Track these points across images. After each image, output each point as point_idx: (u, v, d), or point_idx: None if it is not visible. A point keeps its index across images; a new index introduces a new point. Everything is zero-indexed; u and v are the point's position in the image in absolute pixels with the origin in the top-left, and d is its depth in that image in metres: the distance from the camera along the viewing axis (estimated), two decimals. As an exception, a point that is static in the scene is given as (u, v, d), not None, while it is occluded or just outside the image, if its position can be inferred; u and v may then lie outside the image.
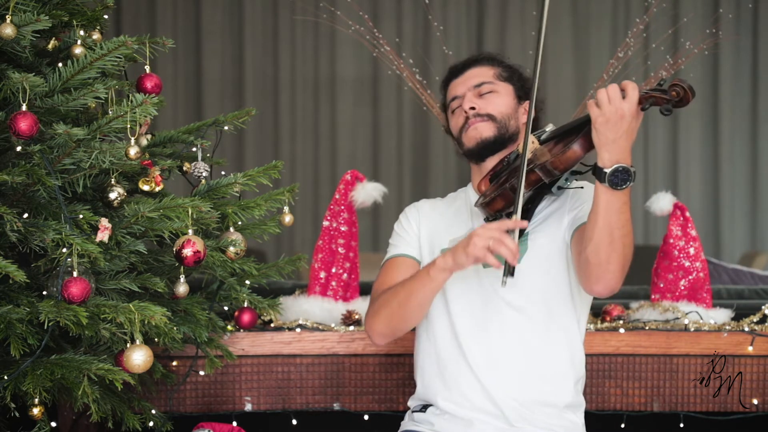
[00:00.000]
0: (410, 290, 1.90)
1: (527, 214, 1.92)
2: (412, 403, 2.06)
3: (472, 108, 2.04)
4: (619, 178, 1.70)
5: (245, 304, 2.29)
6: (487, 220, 1.93)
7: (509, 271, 1.72)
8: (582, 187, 1.94)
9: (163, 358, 2.32)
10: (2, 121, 1.71)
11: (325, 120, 6.57)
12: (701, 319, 2.51)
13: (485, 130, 2.03)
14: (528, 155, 1.83)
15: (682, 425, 2.49)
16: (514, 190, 1.83)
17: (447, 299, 1.98)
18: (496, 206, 1.88)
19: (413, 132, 6.57)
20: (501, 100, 2.06)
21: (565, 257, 1.94)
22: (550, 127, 1.95)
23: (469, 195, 2.13)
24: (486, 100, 2.05)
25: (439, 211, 2.13)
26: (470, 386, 1.93)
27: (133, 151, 1.73)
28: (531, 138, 1.86)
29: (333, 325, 2.50)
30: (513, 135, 2.06)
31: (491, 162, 2.06)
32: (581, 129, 1.79)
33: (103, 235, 1.71)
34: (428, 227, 2.10)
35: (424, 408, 2.00)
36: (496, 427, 1.91)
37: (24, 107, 1.66)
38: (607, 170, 1.70)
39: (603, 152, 1.71)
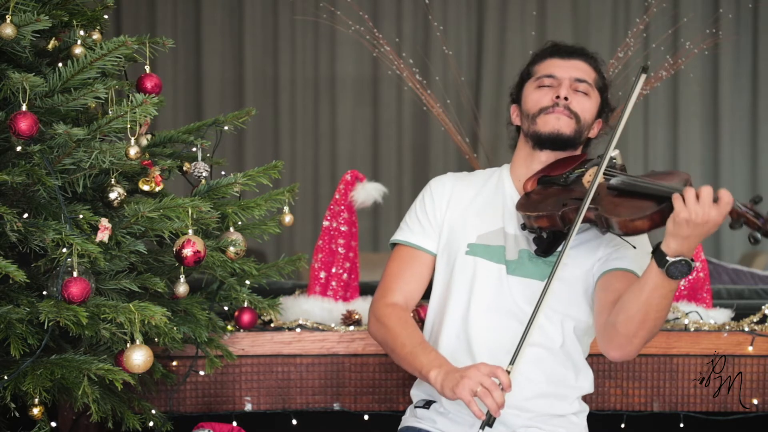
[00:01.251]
0: (401, 357, 1.89)
1: (557, 242, 1.89)
2: (415, 394, 2.03)
3: (566, 98, 1.96)
4: (678, 271, 1.67)
5: (245, 304, 2.29)
6: (524, 228, 1.90)
7: (489, 422, 1.71)
8: (635, 247, 1.88)
9: (163, 358, 2.32)
10: (2, 121, 1.72)
11: (325, 120, 6.56)
12: (701, 319, 2.51)
13: (565, 126, 1.95)
14: (592, 192, 1.78)
15: (682, 425, 2.50)
16: (564, 219, 1.80)
17: (468, 304, 1.94)
18: (540, 223, 1.84)
19: (413, 132, 6.57)
20: (590, 106, 1.99)
21: (588, 288, 1.91)
22: (617, 156, 1.87)
23: (504, 184, 2.03)
24: (579, 99, 1.98)
25: (469, 196, 2.04)
26: None
27: (133, 151, 1.73)
28: (600, 176, 1.79)
29: (333, 325, 2.49)
30: (582, 143, 2.01)
31: (545, 156, 1.99)
32: (659, 202, 1.71)
33: (103, 235, 1.71)
34: (455, 213, 2.01)
35: (427, 404, 1.99)
36: (499, 430, 1.90)
37: (24, 107, 1.66)
38: (670, 260, 1.66)
39: (671, 241, 1.67)
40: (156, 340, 1.92)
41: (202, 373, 2.38)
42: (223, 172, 2.09)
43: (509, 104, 2.11)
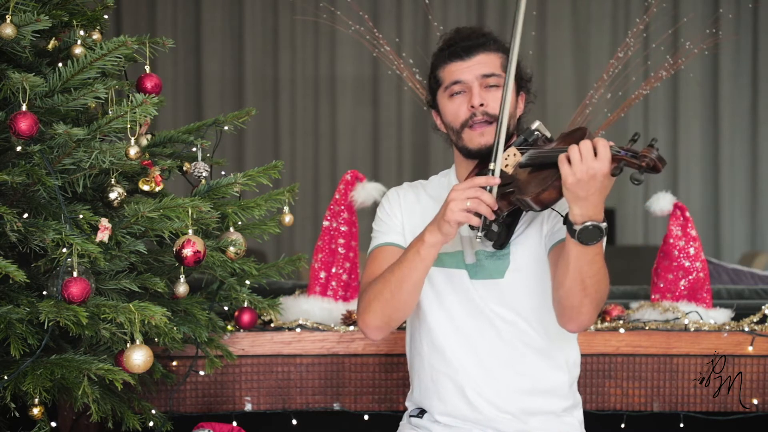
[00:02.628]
0: (401, 275, 1.83)
1: (513, 220, 1.88)
2: (409, 404, 2.05)
3: (482, 104, 1.90)
4: (589, 236, 1.65)
5: (245, 304, 2.29)
6: (472, 228, 1.85)
7: (487, 225, 1.71)
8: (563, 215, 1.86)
9: (163, 358, 2.32)
10: (2, 121, 1.72)
11: (325, 120, 6.57)
12: (701, 319, 2.51)
13: (490, 137, 1.89)
14: (507, 168, 1.78)
15: (682, 425, 2.49)
16: (499, 209, 1.79)
17: (439, 313, 1.94)
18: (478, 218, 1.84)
19: (413, 132, 6.57)
20: (506, 97, 1.90)
21: (546, 266, 1.90)
22: (538, 127, 1.85)
23: (452, 184, 1.99)
24: (493, 96, 1.90)
25: (423, 203, 2.03)
26: (465, 402, 1.91)
27: (133, 151, 1.73)
28: (501, 155, 1.79)
29: (333, 325, 2.49)
30: (511, 135, 1.98)
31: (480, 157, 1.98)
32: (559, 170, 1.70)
33: (103, 235, 1.71)
34: (411, 218, 2.01)
35: (421, 413, 1.99)
36: None
37: (24, 107, 1.66)
38: (577, 227, 1.65)
39: (574, 208, 1.65)
40: (156, 340, 1.92)
41: (202, 373, 2.38)
42: (223, 172, 2.09)
43: (428, 109, 2.06)
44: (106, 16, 2.01)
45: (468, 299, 1.92)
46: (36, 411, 1.76)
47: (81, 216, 1.72)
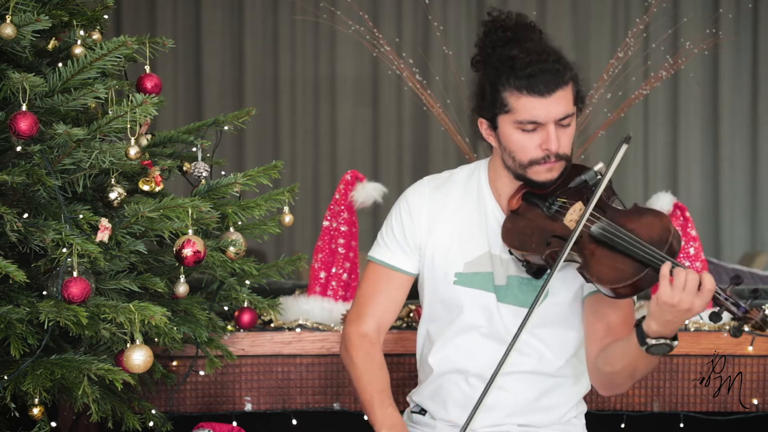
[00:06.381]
0: (360, 398, 1.91)
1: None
2: (411, 399, 2.03)
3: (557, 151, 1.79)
4: (659, 351, 1.68)
5: (245, 304, 2.29)
6: (511, 253, 1.84)
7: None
8: None
9: (163, 358, 2.32)
10: (2, 121, 1.72)
11: (325, 120, 6.56)
12: (701, 319, 2.51)
13: (557, 172, 1.82)
14: (569, 222, 1.77)
15: (682, 425, 2.49)
16: (548, 261, 1.76)
17: (459, 332, 1.91)
18: (525, 258, 1.81)
19: (413, 132, 6.56)
20: (573, 132, 1.84)
21: (581, 307, 1.89)
22: (600, 168, 1.78)
23: (486, 202, 1.91)
24: (566, 136, 1.80)
25: (449, 212, 1.92)
26: (467, 414, 1.90)
27: (133, 151, 1.73)
28: (586, 217, 1.73)
29: (333, 325, 2.49)
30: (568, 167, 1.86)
31: None
32: (642, 267, 1.66)
33: (103, 235, 1.71)
34: (438, 239, 1.91)
35: (423, 411, 1.99)
36: None
37: (24, 107, 1.66)
38: (651, 341, 1.67)
39: (653, 323, 1.66)
40: (156, 340, 1.92)
41: (202, 373, 2.38)
42: (223, 172, 2.09)
43: (472, 115, 1.90)
44: (106, 16, 2.01)
45: (490, 322, 1.88)
46: (36, 411, 1.76)
47: (81, 216, 1.72)
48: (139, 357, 1.65)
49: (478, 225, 1.90)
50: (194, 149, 2.14)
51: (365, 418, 2.47)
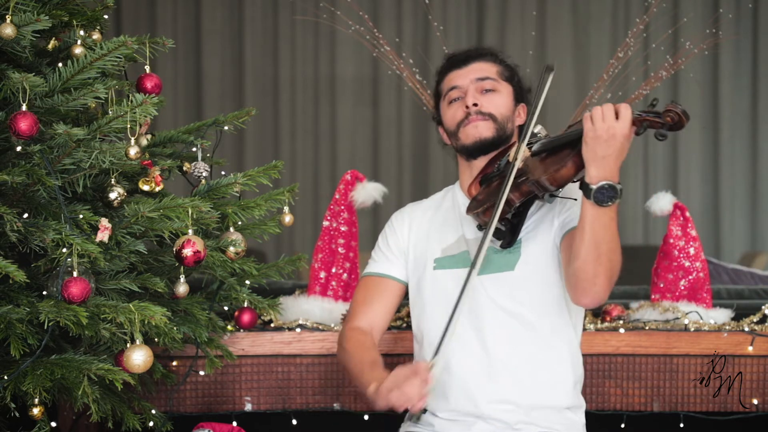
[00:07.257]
0: (353, 375, 1.97)
1: (519, 220, 1.91)
2: None
3: (475, 104, 2.01)
4: (604, 196, 1.70)
5: (245, 304, 2.29)
6: (480, 228, 1.92)
7: (417, 417, 1.82)
8: (576, 200, 1.90)
9: (163, 358, 2.32)
10: (2, 121, 1.72)
11: (325, 120, 6.56)
12: (701, 319, 2.51)
13: (485, 130, 2.01)
14: (519, 164, 1.83)
15: (682, 425, 2.49)
16: (508, 203, 1.84)
17: (447, 314, 1.91)
18: (488, 215, 1.88)
19: (413, 132, 6.57)
20: (502, 101, 2.05)
21: (557, 262, 1.94)
22: (540, 131, 1.92)
23: (457, 197, 2.11)
24: (488, 98, 2.03)
25: (428, 217, 2.12)
26: (468, 397, 1.93)
27: (133, 151, 1.74)
28: (523, 147, 1.86)
29: (333, 325, 2.49)
30: (509, 137, 2.06)
31: (481, 161, 2.05)
32: (575, 145, 1.79)
33: (103, 235, 1.71)
34: (418, 236, 2.09)
35: (423, 410, 1.99)
36: (497, 427, 1.91)
37: (24, 107, 1.66)
38: (594, 186, 1.70)
39: (591, 168, 1.72)
40: (156, 340, 1.92)
41: (202, 373, 2.38)
42: (223, 172, 2.09)
43: (436, 127, 2.16)
44: (106, 16, 2.01)
45: (473, 297, 1.94)
46: (36, 411, 1.76)
47: (81, 216, 1.71)
48: (139, 357, 1.65)
49: (453, 217, 2.08)
50: (194, 149, 2.14)
51: (365, 417, 2.48)
